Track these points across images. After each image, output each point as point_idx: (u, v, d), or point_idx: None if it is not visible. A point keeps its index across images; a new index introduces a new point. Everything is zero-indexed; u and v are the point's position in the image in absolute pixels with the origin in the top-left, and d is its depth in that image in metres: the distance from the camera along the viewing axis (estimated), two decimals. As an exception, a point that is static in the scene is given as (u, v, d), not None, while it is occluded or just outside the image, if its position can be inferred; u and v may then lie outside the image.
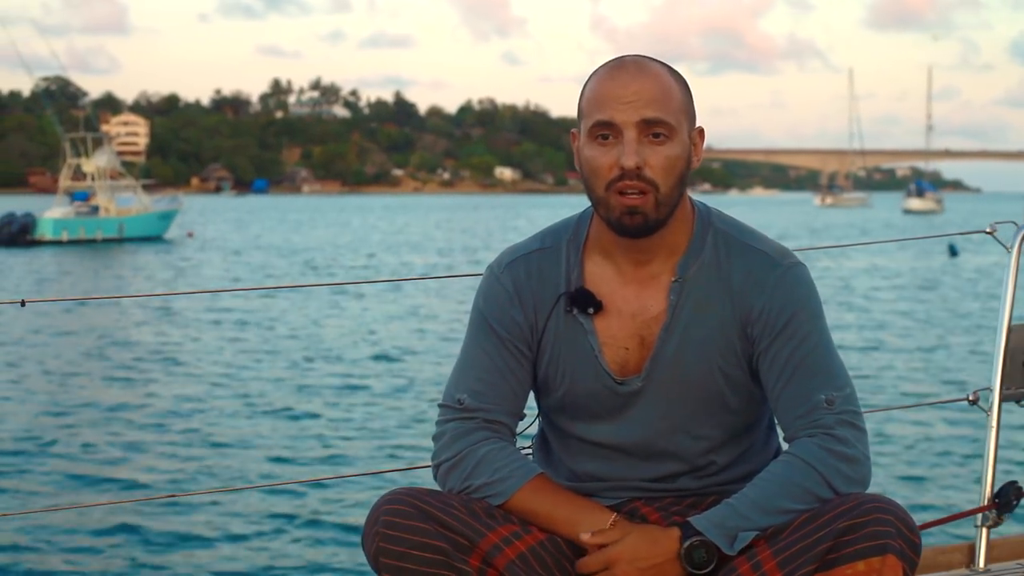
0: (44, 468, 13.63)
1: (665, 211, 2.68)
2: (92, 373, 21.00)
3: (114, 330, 27.60)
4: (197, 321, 29.10)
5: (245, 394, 18.79)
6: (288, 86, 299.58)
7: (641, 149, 2.64)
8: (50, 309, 29.98)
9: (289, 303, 32.78)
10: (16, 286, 39.97)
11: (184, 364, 21.98)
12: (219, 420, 16.64)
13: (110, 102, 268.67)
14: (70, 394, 18.65)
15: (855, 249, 56.58)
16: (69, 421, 16.43)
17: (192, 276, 44.94)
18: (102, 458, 14.23)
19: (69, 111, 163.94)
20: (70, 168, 69.57)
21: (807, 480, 2.58)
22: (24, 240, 61.49)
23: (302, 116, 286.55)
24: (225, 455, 14.40)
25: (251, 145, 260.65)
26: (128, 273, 46.30)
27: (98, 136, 72.95)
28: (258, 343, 25.22)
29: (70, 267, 48.57)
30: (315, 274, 45.86)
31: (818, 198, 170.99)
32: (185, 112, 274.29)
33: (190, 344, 25.05)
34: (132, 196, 70.79)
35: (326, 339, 25.71)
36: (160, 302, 32.49)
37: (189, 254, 58.00)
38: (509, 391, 2.80)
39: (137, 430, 15.82)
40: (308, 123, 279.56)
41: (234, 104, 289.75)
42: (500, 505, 2.69)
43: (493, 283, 2.86)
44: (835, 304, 31.64)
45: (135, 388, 19.38)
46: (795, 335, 2.70)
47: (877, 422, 15.35)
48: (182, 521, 11.46)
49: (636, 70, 2.70)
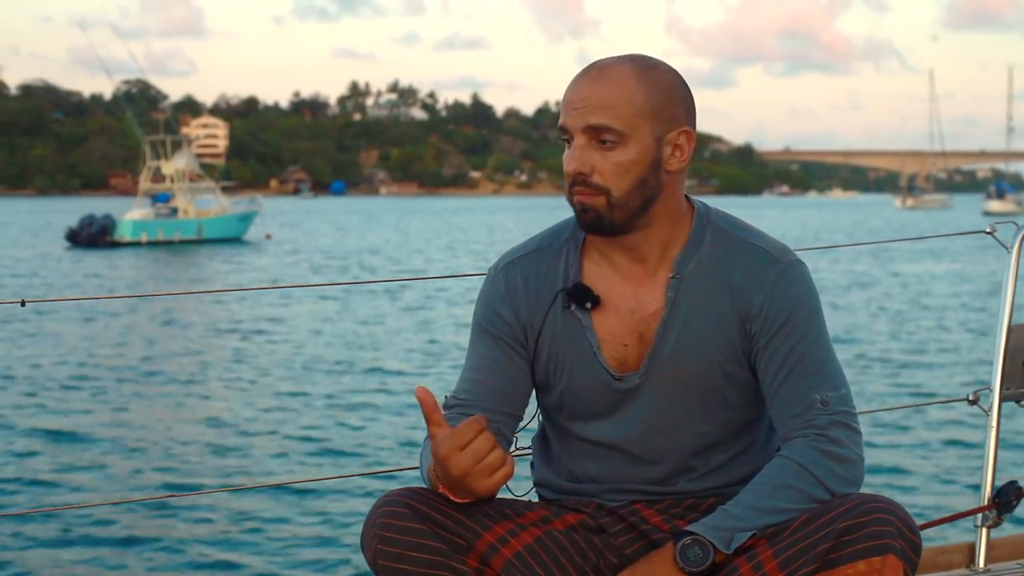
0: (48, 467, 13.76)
1: (624, 213, 2.70)
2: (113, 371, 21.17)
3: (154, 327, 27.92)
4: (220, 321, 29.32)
5: (244, 393, 18.87)
6: (366, 88, 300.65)
7: (590, 155, 2.67)
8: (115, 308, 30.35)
9: (315, 304, 32.99)
10: (80, 285, 40.49)
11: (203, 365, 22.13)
12: (217, 420, 16.64)
13: (190, 105, 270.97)
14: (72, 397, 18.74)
15: (939, 253, 56.01)
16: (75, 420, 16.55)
17: (261, 275, 45.24)
18: (102, 458, 14.29)
19: (149, 114, 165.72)
20: (150, 170, 70.35)
21: (801, 481, 2.59)
22: (103, 241, 62.25)
23: (380, 118, 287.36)
24: (225, 455, 14.41)
25: (329, 147, 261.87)
26: (193, 273, 46.76)
27: (177, 139, 73.75)
28: (259, 343, 25.28)
29: (147, 268, 49.19)
30: (370, 275, 45.75)
31: (899, 200, 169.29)
32: (264, 114, 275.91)
33: (196, 341, 25.22)
34: (211, 198, 71.44)
35: (330, 338, 25.77)
36: (214, 299, 32.82)
37: (264, 255, 58.38)
38: (496, 388, 2.80)
39: (136, 430, 15.84)
40: (386, 125, 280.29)
41: (312, 106, 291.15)
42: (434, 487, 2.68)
43: (488, 285, 2.89)
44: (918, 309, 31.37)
45: (138, 388, 19.50)
46: (793, 333, 2.70)
47: (877, 422, 15.31)
48: (181, 521, 11.46)
49: (595, 75, 2.71)
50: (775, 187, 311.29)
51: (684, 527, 2.62)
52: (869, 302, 33.78)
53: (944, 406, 16.06)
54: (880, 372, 20.68)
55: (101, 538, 10.96)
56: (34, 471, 13.56)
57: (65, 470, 13.60)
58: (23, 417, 16.79)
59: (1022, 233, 3.59)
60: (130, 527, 11.27)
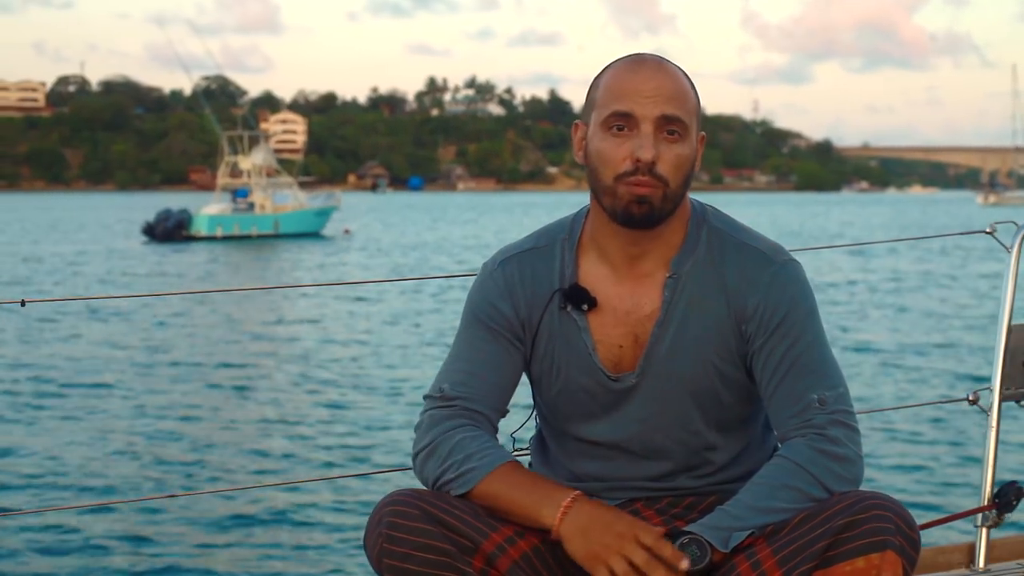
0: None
1: (670, 206, 2.68)
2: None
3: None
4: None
5: (244, 392, 18.90)
6: (443, 84, 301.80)
7: (656, 144, 2.64)
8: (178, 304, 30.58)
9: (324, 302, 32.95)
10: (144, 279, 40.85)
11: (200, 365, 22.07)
12: (218, 420, 16.60)
13: (269, 100, 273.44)
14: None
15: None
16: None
17: (331, 271, 45.28)
18: (98, 456, 14.26)
19: (229, 109, 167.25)
20: (227, 166, 71.02)
21: (799, 481, 2.58)
22: (179, 236, 62.82)
23: (457, 114, 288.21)
24: (225, 455, 14.36)
25: (407, 142, 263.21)
26: (258, 267, 47.13)
27: (255, 134, 74.26)
28: (262, 342, 25.27)
29: (216, 262, 49.53)
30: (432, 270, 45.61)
31: (981, 196, 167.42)
32: (342, 110, 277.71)
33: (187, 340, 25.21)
34: (288, 193, 71.78)
35: (334, 337, 25.77)
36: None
37: (339, 250, 58.47)
38: (492, 383, 2.79)
39: (135, 431, 15.79)
40: (463, 121, 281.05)
41: (390, 102, 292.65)
42: (465, 494, 2.67)
43: (485, 279, 2.87)
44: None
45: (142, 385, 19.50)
46: (789, 334, 2.69)
47: (877, 422, 15.19)
48: (181, 521, 11.42)
49: (657, 66, 2.70)
50: (854, 183, 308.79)
51: (683, 527, 2.62)
52: (869, 302, 33.54)
53: (944, 406, 15.89)
54: (880, 372, 20.50)
55: (100, 538, 10.90)
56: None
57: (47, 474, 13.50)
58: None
59: (1022, 233, 3.57)
60: (130, 527, 11.26)
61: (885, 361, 21.75)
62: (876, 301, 33.57)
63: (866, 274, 42.92)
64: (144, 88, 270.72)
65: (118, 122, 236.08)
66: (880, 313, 30.47)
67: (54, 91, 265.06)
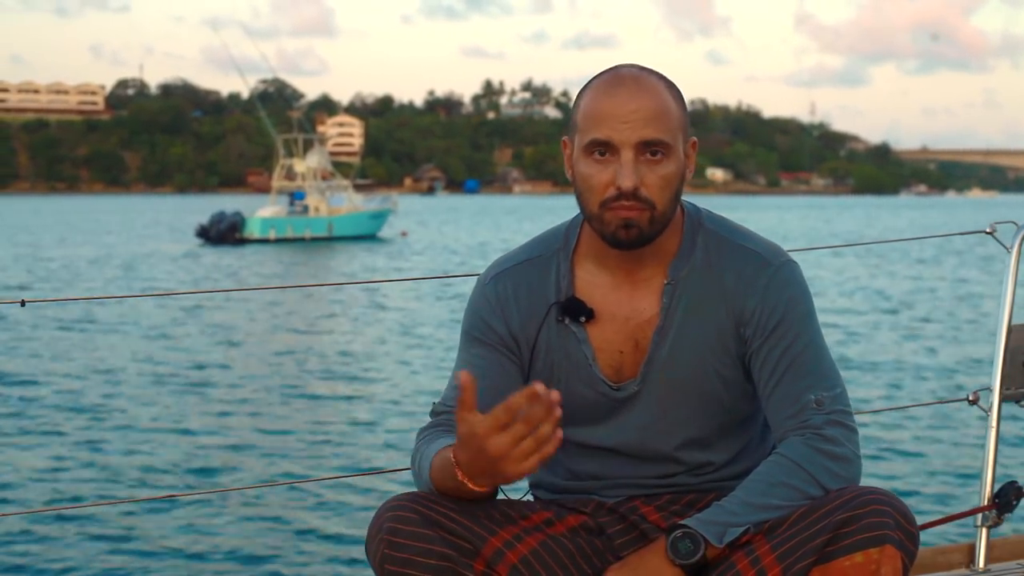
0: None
1: (659, 227, 2.67)
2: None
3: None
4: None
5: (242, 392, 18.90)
6: (500, 87, 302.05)
7: (638, 168, 2.62)
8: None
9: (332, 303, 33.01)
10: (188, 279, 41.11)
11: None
12: (216, 420, 16.61)
13: (326, 104, 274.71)
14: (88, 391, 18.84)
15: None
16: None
17: (382, 275, 45.18)
18: (98, 457, 14.29)
19: (285, 112, 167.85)
20: (283, 168, 71.22)
21: (795, 478, 2.59)
22: (232, 238, 63.01)
23: (513, 117, 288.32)
24: (225, 455, 14.38)
25: (463, 145, 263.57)
26: (308, 270, 47.26)
27: (310, 137, 74.50)
28: (264, 342, 25.29)
29: (266, 264, 49.72)
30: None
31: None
32: (399, 113, 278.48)
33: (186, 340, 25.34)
34: (344, 196, 71.88)
35: (338, 338, 25.80)
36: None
37: (395, 253, 58.51)
38: (482, 389, 2.71)
39: (135, 431, 15.82)
40: (519, 124, 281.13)
41: (447, 105, 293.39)
42: (432, 492, 2.65)
43: (478, 295, 2.87)
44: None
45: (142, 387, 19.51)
46: (786, 335, 2.70)
47: (878, 422, 15.16)
48: (181, 521, 11.43)
49: (635, 87, 2.67)
50: (912, 187, 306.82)
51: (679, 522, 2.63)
52: (869, 301, 33.37)
53: (944, 406, 15.82)
54: (880, 372, 20.42)
55: (99, 538, 10.93)
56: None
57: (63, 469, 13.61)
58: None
59: (1022, 233, 3.57)
60: (130, 527, 11.27)
61: (885, 361, 21.66)
62: (876, 301, 33.45)
63: (873, 276, 42.80)
64: (202, 91, 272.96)
65: (176, 125, 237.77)
66: (880, 313, 30.39)
67: (113, 94, 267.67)
